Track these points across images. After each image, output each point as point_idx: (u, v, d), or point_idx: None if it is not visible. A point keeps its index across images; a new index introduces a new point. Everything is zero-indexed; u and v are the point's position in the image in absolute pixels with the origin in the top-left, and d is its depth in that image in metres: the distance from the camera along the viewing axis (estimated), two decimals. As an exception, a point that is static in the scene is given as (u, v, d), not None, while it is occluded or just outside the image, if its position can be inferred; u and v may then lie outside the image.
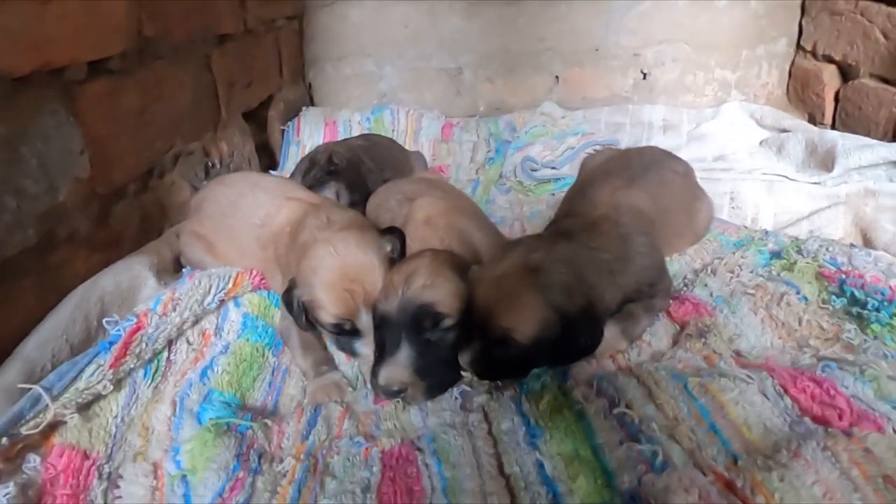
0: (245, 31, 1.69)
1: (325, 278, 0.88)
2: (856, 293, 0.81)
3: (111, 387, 0.78)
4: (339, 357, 0.97)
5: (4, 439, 0.65)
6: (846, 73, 2.00)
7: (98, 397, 0.77)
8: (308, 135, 1.98)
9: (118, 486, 0.69)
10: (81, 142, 0.99)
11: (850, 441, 0.56)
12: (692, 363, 0.75)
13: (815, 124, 2.12)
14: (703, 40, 2.27)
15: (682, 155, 2.02)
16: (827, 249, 0.93)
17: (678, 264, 1.06)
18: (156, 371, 0.86)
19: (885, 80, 1.81)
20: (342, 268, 0.87)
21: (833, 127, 2.04)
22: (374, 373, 0.81)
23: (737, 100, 2.30)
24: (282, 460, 0.72)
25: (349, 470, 0.69)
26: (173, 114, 1.30)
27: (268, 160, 1.89)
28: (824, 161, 1.80)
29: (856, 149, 1.74)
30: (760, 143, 2.07)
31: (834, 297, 0.84)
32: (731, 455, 0.60)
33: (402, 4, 2.22)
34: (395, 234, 0.94)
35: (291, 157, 1.91)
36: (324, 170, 1.26)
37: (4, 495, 0.61)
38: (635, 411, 0.65)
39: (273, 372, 0.94)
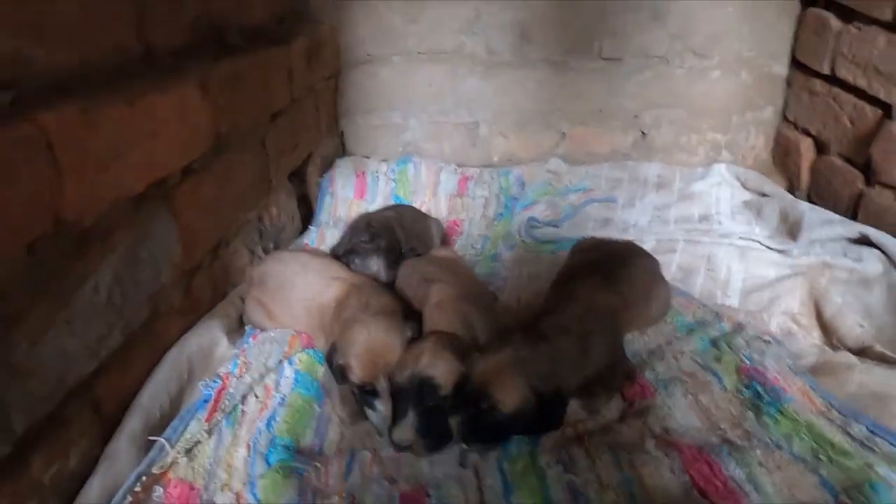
0: (292, 101, 1.98)
1: (357, 351, 1.18)
2: (758, 388, 1.09)
3: (207, 435, 1.07)
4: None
5: (144, 478, 0.94)
6: (820, 147, 2.24)
7: (198, 443, 1.07)
8: (341, 186, 2.26)
9: (213, 509, 0.98)
10: (177, 233, 1.29)
11: (715, 512, 0.83)
12: (629, 438, 1.03)
13: (793, 190, 2.37)
14: (697, 106, 2.52)
15: (672, 212, 2.32)
16: (748, 345, 1.20)
17: (638, 343, 1.34)
18: (234, 421, 1.15)
19: (850, 161, 2.05)
20: (371, 345, 1.17)
21: (808, 195, 2.29)
22: (390, 431, 1.11)
23: (726, 160, 2.56)
24: (329, 496, 1.01)
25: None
26: (238, 192, 1.59)
27: (305, 209, 2.18)
28: (792, 230, 2.06)
29: (819, 223, 2.01)
30: (744, 202, 2.34)
31: (744, 389, 1.11)
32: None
33: (427, 66, 2.49)
34: (415, 319, 1.24)
35: (326, 208, 2.19)
36: (366, 243, 1.55)
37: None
38: (579, 477, 0.94)
39: (319, 420, 1.24)
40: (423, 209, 2.20)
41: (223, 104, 1.48)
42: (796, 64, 2.38)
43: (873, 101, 1.93)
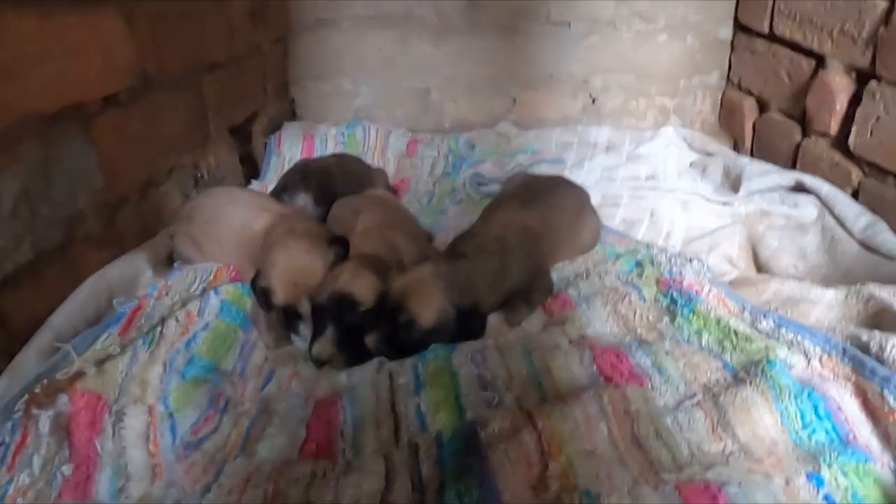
0: (233, 57, 1.96)
1: (278, 272, 1.16)
2: (674, 294, 1.10)
3: (119, 350, 1.05)
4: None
5: (45, 381, 0.92)
6: (762, 106, 2.28)
7: (109, 357, 1.04)
8: (288, 147, 2.24)
9: (122, 420, 0.96)
10: (96, 161, 1.26)
11: (615, 389, 0.84)
12: (545, 342, 1.04)
13: (738, 150, 2.41)
14: (645, 70, 2.55)
15: (620, 173, 2.33)
16: (670, 262, 1.21)
17: (567, 269, 1.34)
18: (152, 341, 1.13)
19: (789, 115, 2.09)
20: (292, 265, 1.16)
21: (751, 153, 2.33)
22: (309, 347, 1.09)
23: (674, 124, 2.58)
24: (242, 404, 1.00)
25: (290, 411, 0.97)
26: (169, 134, 1.57)
27: (251, 169, 2.15)
28: (734, 184, 2.09)
29: (757, 174, 2.04)
30: (690, 164, 2.37)
31: (662, 298, 1.12)
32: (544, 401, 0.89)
33: (377, 32, 2.49)
34: (340, 243, 1.23)
35: (272, 168, 2.17)
36: (297, 181, 1.54)
37: (46, 417, 0.88)
38: (490, 372, 0.94)
39: (243, 345, 1.22)
40: (372, 168, 2.20)
41: (150, 42, 1.46)
42: (739, 26, 2.42)
43: (808, 53, 1.97)
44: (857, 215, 1.71)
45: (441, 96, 2.59)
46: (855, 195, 1.79)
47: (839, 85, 1.83)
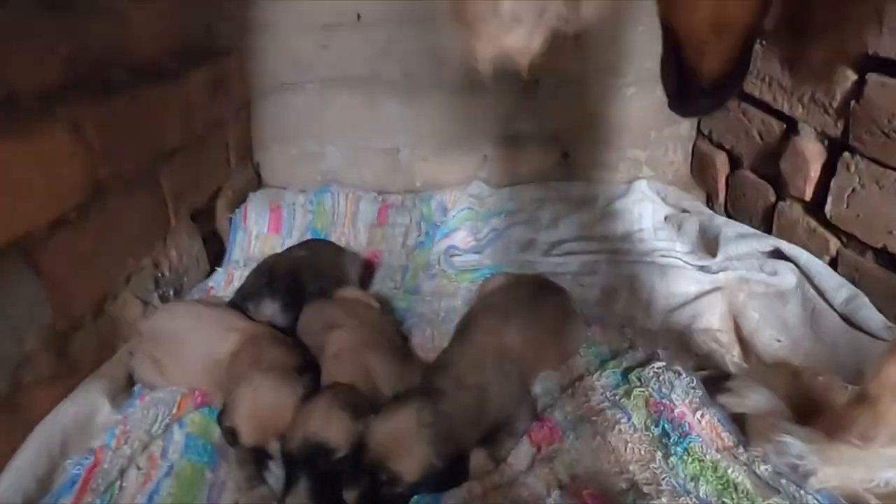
0: (192, 137, 1.88)
1: (243, 412, 1.09)
2: (665, 426, 1.05)
3: (73, 523, 0.97)
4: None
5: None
6: (734, 161, 2.27)
7: (62, 534, 0.96)
8: (254, 221, 2.16)
9: None
10: (45, 294, 1.17)
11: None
12: (535, 489, 0.98)
13: (712, 204, 2.40)
14: (615, 123, 2.53)
15: (595, 230, 2.29)
16: (658, 379, 1.16)
17: (551, 380, 1.29)
18: (110, 500, 1.04)
19: (762, 175, 2.08)
20: (257, 404, 1.09)
21: (725, 209, 2.31)
22: (282, 499, 1.02)
23: (647, 175, 2.56)
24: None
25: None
26: (125, 240, 1.48)
27: (218, 247, 2.07)
28: (710, 246, 2.07)
29: (734, 238, 2.02)
30: (665, 218, 2.35)
31: (653, 426, 1.08)
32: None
33: (342, 92, 2.43)
34: (311, 370, 1.16)
35: (238, 245, 2.09)
36: (263, 286, 1.47)
37: None
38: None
39: (210, 488, 1.14)
40: (342, 241, 2.13)
41: (101, 148, 1.37)
42: (707, 79, 2.41)
43: (779, 115, 1.96)
44: (838, 287, 1.70)
45: (411, 155, 2.53)
46: (833, 264, 1.78)
47: (812, 152, 1.82)
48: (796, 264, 1.80)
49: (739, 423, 1.07)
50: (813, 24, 0.92)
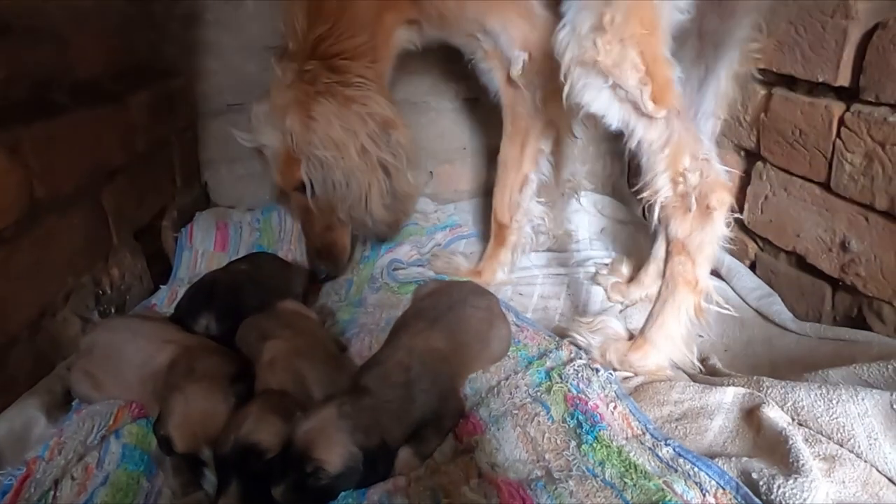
0: (135, 156, 1.90)
1: (175, 420, 1.12)
2: (579, 417, 1.12)
3: (3, 532, 0.99)
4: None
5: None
6: (666, 172, 2.38)
7: (-9, 542, 0.98)
8: (200, 240, 2.18)
9: None
10: (-21, 311, 1.20)
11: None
12: (455, 477, 1.03)
13: (646, 216, 2.50)
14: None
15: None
16: (577, 375, 1.24)
17: (480, 381, 1.35)
18: (43, 509, 1.06)
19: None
20: (189, 413, 1.13)
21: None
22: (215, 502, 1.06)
23: (587, 188, 2.67)
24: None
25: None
26: (65, 257, 1.50)
27: (162, 266, 2.09)
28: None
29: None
30: (601, 230, 2.45)
31: (569, 418, 1.15)
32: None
33: (289, 112, 2.47)
34: (244, 380, 1.20)
35: (184, 264, 2.11)
36: (200, 302, 1.50)
37: None
38: (399, 526, 0.92)
39: (147, 495, 1.16)
40: (289, 258, 2.17)
41: (39, 168, 1.40)
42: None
43: (701, 128, 2.08)
44: (755, 287, 1.81)
45: (358, 173, 2.59)
46: (753, 267, 1.89)
47: (730, 162, 1.93)
48: (718, 268, 1.90)
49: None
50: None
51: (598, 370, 1.25)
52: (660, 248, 1.84)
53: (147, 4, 2.19)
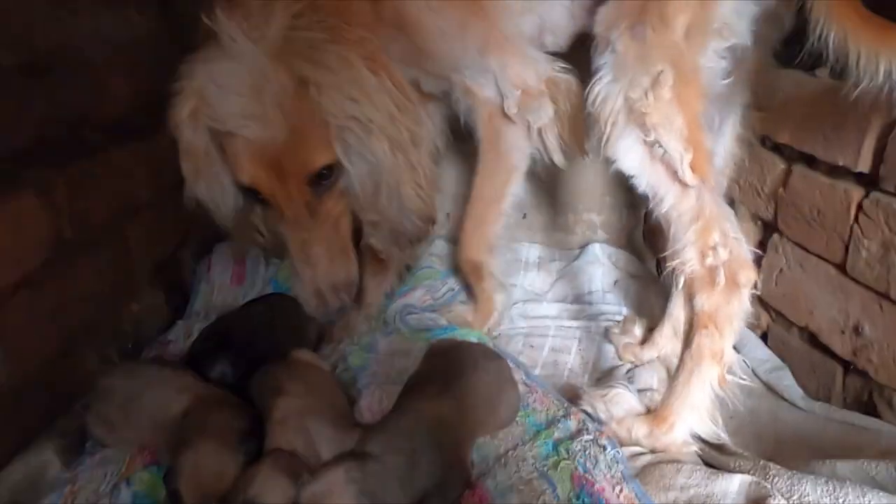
0: (160, 190, 1.94)
1: (185, 476, 1.15)
2: (585, 499, 1.13)
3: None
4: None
5: None
6: (681, 229, 2.39)
7: None
8: (218, 273, 2.22)
9: None
10: (2, 355, 1.22)
11: None
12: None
13: (661, 270, 2.51)
14: (572, 186, 2.66)
15: (550, 294, 2.38)
16: (584, 453, 1.25)
17: (488, 448, 1.36)
18: (54, 563, 1.09)
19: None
20: (198, 470, 1.15)
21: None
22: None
23: (602, 239, 2.68)
24: None
25: None
26: (88, 295, 1.53)
27: (181, 298, 2.11)
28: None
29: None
30: (615, 282, 2.46)
31: (574, 499, 1.16)
32: None
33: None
34: (254, 437, 1.22)
35: (201, 296, 2.13)
36: (214, 348, 1.52)
37: None
38: None
39: (156, 545, 1.18)
40: (304, 294, 2.18)
41: (70, 209, 1.44)
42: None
43: (720, 192, 2.10)
44: (766, 358, 1.81)
45: (376, 211, 2.62)
46: (765, 338, 1.89)
47: (746, 231, 1.94)
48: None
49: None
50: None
51: (605, 447, 1.26)
52: (674, 309, 1.85)
53: (177, 37, 2.23)
